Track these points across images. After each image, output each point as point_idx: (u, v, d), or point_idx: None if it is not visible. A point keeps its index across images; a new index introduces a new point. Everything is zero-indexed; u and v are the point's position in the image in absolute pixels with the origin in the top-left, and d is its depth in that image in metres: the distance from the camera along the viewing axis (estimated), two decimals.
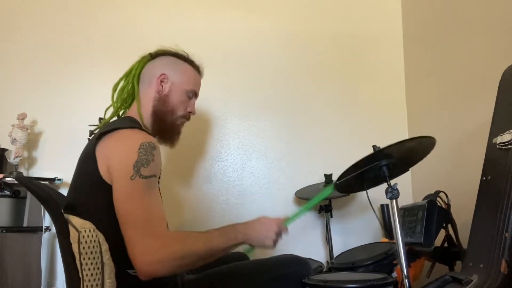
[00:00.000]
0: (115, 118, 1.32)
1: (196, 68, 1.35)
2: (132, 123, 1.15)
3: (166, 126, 1.26)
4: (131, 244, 0.93)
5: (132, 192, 0.97)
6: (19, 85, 2.12)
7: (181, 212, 2.09)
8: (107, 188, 0.99)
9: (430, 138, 1.19)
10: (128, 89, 1.29)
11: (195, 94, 1.34)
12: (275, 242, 1.12)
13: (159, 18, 2.26)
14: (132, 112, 1.25)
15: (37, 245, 1.82)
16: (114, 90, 1.33)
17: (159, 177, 1.11)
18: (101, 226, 0.99)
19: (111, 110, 1.34)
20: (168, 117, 1.26)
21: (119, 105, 1.31)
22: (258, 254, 1.60)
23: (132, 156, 0.99)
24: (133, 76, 1.28)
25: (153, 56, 1.32)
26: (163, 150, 1.16)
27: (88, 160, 1.04)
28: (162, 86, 1.25)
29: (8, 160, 1.90)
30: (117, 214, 0.97)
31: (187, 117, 1.33)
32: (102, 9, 2.24)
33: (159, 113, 1.24)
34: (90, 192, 1.04)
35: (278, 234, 1.13)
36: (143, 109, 1.23)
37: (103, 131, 1.06)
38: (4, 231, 1.72)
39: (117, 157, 1.00)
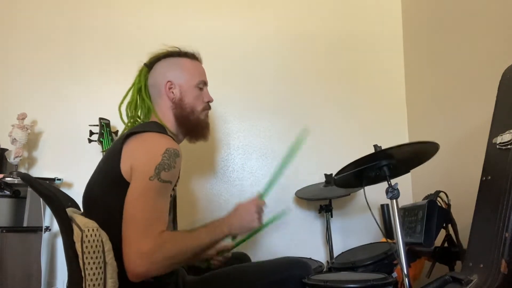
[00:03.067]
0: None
1: (193, 58, 1.35)
2: (160, 129, 1.18)
3: (192, 125, 1.29)
4: (128, 243, 0.95)
5: (145, 191, 1.00)
6: (19, 85, 2.12)
7: (180, 213, 2.09)
8: (124, 185, 1.02)
9: (433, 144, 1.20)
10: (136, 105, 1.30)
11: (204, 83, 1.35)
12: (259, 220, 1.18)
13: (160, 18, 2.26)
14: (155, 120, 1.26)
15: (37, 245, 1.81)
16: (121, 110, 1.34)
17: (176, 185, 1.13)
18: (108, 224, 1.00)
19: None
20: (191, 117, 1.27)
21: (131, 123, 1.32)
22: (258, 257, 1.61)
23: (156, 158, 1.02)
24: (139, 91, 1.29)
25: (149, 65, 1.32)
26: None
27: (112, 158, 1.07)
28: (173, 93, 1.26)
29: (8, 160, 1.90)
30: (125, 209, 0.99)
31: (207, 108, 1.34)
32: (103, 9, 2.24)
33: (181, 117, 1.26)
34: (108, 188, 1.06)
35: (260, 212, 1.18)
36: (165, 120, 1.25)
37: (132, 131, 1.08)
38: (4, 231, 1.72)
39: (141, 157, 1.03)
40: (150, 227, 0.97)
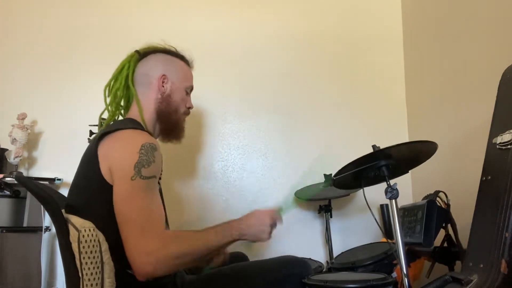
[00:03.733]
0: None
1: (188, 63, 1.37)
2: (133, 124, 1.15)
3: (171, 125, 1.28)
4: (130, 244, 0.94)
5: (132, 192, 0.98)
6: (19, 85, 2.12)
7: (181, 212, 2.09)
8: (108, 188, 1.00)
9: (431, 143, 1.19)
10: (122, 91, 1.28)
11: (191, 90, 1.37)
12: (270, 234, 1.13)
13: (160, 17, 2.27)
14: (132, 114, 1.25)
15: (37, 245, 1.82)
16: (106, 92, 1.32)
17: (160, 178, 1.11)
18: (101, 226, 0.99)
19: (105, 114, 1.34)
20: (172, 116, 1.27)
21: (114, 109, 1.31)
22: (258, 257, 1.60)
23: (133, 156, 1.00)
24: (126, 78, 1.27)
25: (142, 54, 1.31)
26: (164, 149, 1.16)
27: (89, 161, 1.05)
28: (164, 87, 1.26)
29: (8, 160, 1.90)
30: (116, 214, 0.97)
31: (187, 113, 1.35)
32: (102, 8, 2.24)
33: (163, 113, 1.25)
34: (91, 192, 1.04)
35: (273, 226, 1.14)
36: (144, 111, 1.23)
37: (105, 131, 1.06)
38: (4, 231, 1.72)
39: (118, 157, 1.01)
40: (150, 226, 0.95)
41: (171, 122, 1.28)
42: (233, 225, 1.09)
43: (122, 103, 1.31)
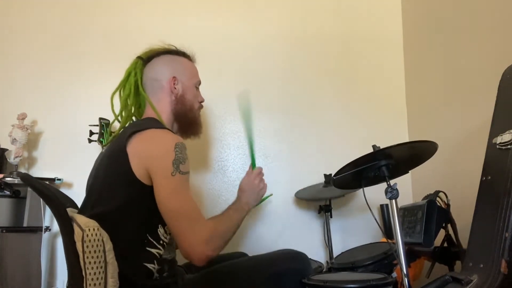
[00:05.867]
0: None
1: (190, 58, 1.39)
2: (159, 124, 1.19)
3: (189, 123, 1.33)
4: (187, 235, 1.02)
5: (176, 187, 1.05)
6: (19, 85, 2.12)
7: None
8: (138, 186, 1.04)
9: (431, 143, 1.20)
10: (133, 99, 1.30)
11: (199, 84, 1.40)
12: (264, 187, 1.33)
13: (160, 17, 2.26)
14: (149, 115, 1.26)
15: (37, 245, 1.82)
16: (113, 100, 1.32)
17: None
18: (110, 224, 1.00)
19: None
20: (189, 114, 1.31)
21: (126, 116, 1.32)
22: (256, 250, 1.60)
23: (170, 155, 1.05)
24: (135, 85, 1.29)
25: (146, 59, 1.31)
26: None
27: (118, 158, 1.07)
28: (176, 88, 1.28)
29: (8, 160, 1.90)
30: (164, 209, 1.03)
31: (201, 107, 1.39)
32: (102, 9, 2.24)
33: (180, 114, 1.29)
34: (116, 188, 1.07)
35: (261, 179, 1.33)
36: (161, 113, 1.25)
37: (135, 130, 1.09)
38: (4, 231, 1.72)
39: (156, 157, 1.05)
40: (199, 216, 1.06)
41: (189, 120, 1.32)
42: (241, 203, 1.25)
43: (133, 110, 1.33)
